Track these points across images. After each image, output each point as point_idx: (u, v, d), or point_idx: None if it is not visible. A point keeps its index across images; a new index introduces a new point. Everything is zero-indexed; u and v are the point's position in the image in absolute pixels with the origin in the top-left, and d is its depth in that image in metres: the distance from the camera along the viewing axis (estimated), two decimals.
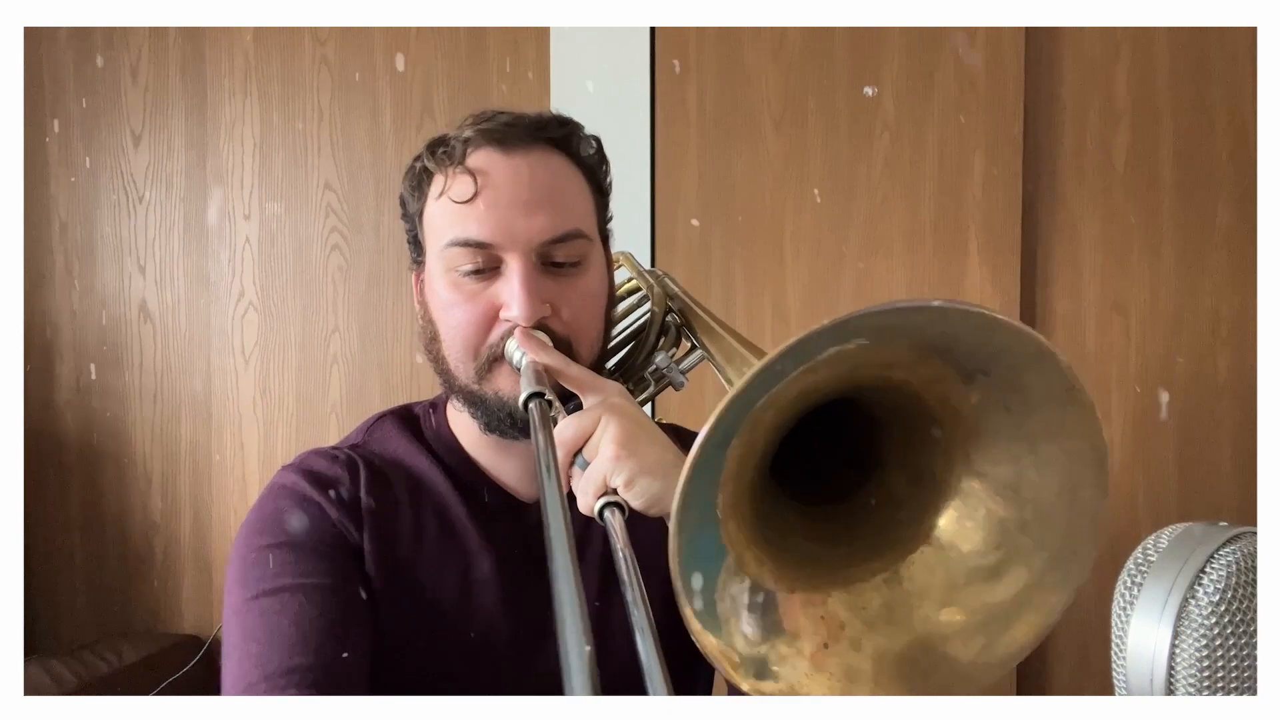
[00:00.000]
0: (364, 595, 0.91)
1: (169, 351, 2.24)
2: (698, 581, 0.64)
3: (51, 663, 1.93)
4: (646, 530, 0.75)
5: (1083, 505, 0.66)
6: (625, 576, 0.66)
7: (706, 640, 0.64)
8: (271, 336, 2.20)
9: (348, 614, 0.88)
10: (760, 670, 0.67)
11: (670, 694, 0.52)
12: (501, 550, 0.96)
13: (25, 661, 1.90)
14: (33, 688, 1.83)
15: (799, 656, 0.68)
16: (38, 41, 2.22)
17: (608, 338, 0.98)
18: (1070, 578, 0.67)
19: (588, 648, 0.50)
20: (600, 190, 0.98)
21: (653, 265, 2.01)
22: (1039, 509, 0.68)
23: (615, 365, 1.03)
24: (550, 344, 0.87)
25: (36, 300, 2.26)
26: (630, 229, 1.98)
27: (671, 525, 0.61)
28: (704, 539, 0.65)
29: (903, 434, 0.74)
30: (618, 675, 0.59)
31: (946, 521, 0.72)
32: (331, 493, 0.93)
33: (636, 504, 0.75)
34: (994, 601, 0.69)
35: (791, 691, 0.67)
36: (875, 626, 0.71)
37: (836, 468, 0.80)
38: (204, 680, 2.11)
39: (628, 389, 0.97)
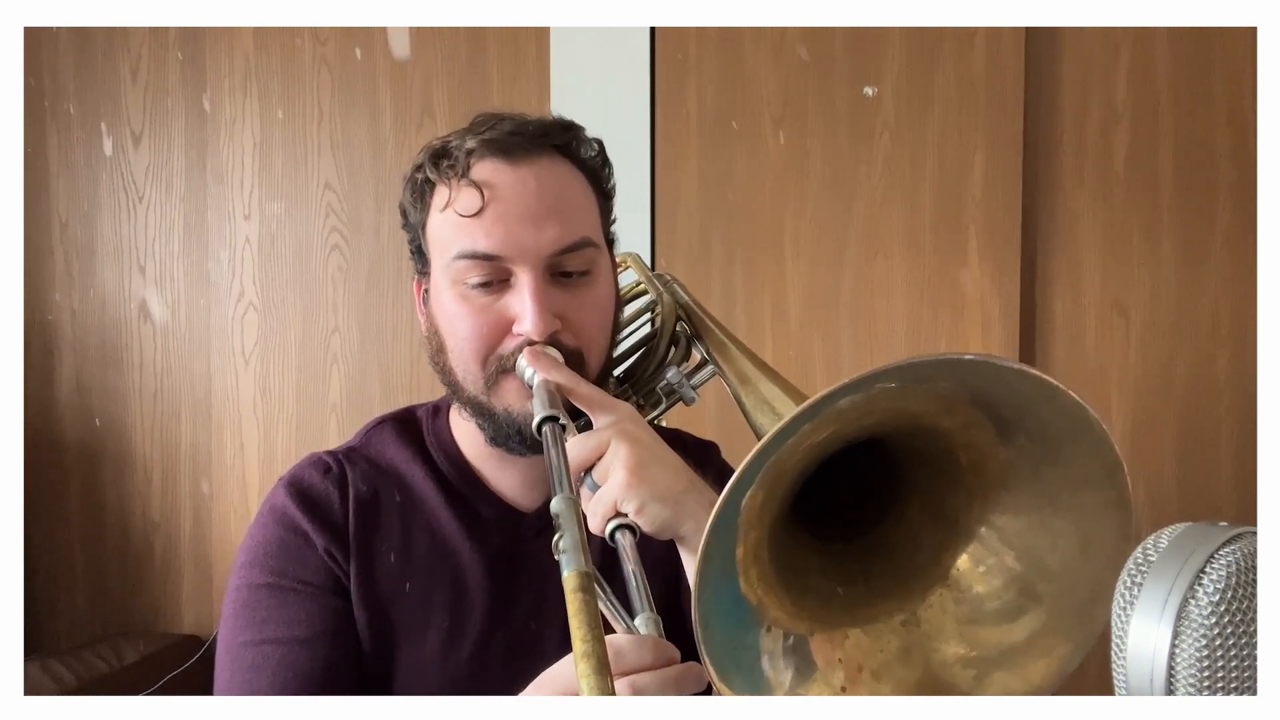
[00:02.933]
0: (351, 630, 0.92)
1: (169, 351, 2.24)
2: (718, 632, 0.64)
3: (51, 663, 1.93)
4: (648, 546, 0.75)
5: (1103, 559, 0.66)
6: (637, 598, 0.66)
7: (724, 689, 0.64)
8: (271, 336, 2.20)
9: (330, 661, 0.90)
10: None
11: None
12: (494, 563, 0.95)
13: (25, 661, 1.90)
14: (33, 688, 1.83)
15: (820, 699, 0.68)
16: (38, 41, 2.22)
17: (614, 344, 0.97)
18: (1085, 626, 0.67)
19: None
20: (604, 194, 0.97)
21: (653, 265, 2.01)
22: (1060, 559, 0.67)
23: (623, 374, 1.02)
24: (561, 360, 0.86)
25: (36, 300, 2.26)
26: (630, 229, 1.98)
27: (693, 581, 0.61)
28: (724, 590, 0.65)
29: (926, 473, 0.73)
30: None
31: (964, 564, 0.71)
32: (320, 517, 0.93)
33: (647, 529, 0.75)
34: (1009, 645, 0.69)
35: None
36: (892, 668, 0.70)
37: (855, 502, 0.79)
38: (203, 679, 2.10)
39: (638, 404, 0.97)
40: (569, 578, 0.58)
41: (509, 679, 0.93)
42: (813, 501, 0.75)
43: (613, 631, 0.65)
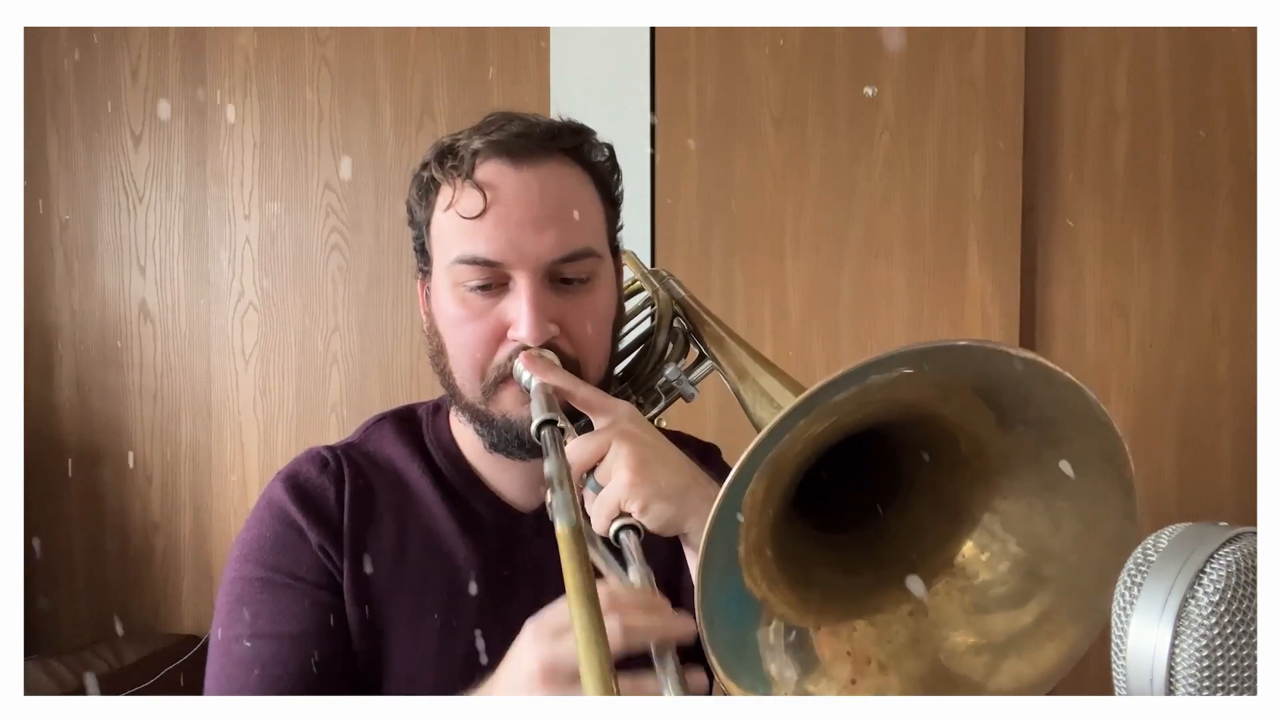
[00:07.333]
0: (342, 626, 0.92)
1: (169, 351, 2.24)
2: (723, 629, 0.63)
3: (51, 663, 1.93)
4: (654, 546, 0.75)
5: (1108, 540, 0.66)
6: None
7: (733, 686, 0.64)
8: (271, 336, 2.20)
9: (320, 657, 0.90)
10: None
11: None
12: (490, 562, 0.95)
13: (25, 661, 1.90)
14: (33, 688, 1.82)
15: (828, 692, 0.68)
16: (38, 41, 2.22)
17: (615, 351, 0.97)
18: (1092, 609, 0.67)
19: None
20: (611, 201, 0.96)
21: (653, 265, 2.01)
22: (1064, 542, 0.67)
23: (622, 373, 1.01)
24: (558, 363, 0.86)
25: (36, 300, 2.26)
26: (630, 229, 1.97)
27: (696, 579, 0.61)
28: (727, 587, 0.64)
29: (929, 462, 0.73)
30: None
31: (969, 551, 0.71)
32: (315, 512, 0.93)
33: (652, 527, 0.75)
34: (1017, 631, 0.69)
35: None
36: (901, 659, 0.70)
37: (857, 492, 0.79)
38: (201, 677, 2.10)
39: (637, 403, 0.97)
40: (561, 527, 0.62)
41: None
42: (815, 494, 0.75)
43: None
